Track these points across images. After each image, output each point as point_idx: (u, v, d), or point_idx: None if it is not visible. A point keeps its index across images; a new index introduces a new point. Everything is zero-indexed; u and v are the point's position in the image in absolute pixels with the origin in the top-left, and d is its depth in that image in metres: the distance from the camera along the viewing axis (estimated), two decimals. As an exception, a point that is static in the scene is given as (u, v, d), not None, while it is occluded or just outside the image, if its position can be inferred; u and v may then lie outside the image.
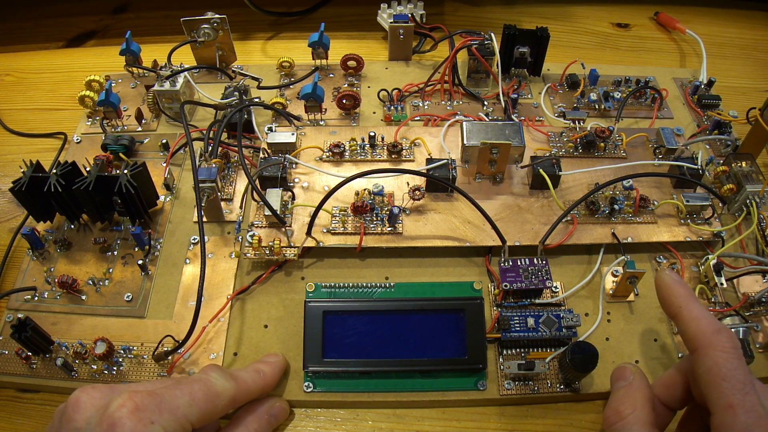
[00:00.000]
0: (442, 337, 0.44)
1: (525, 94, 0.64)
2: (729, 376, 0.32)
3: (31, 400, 0.46)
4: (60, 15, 0.80)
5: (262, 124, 0.59)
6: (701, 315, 0.35)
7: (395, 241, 0.49)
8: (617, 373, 0.39)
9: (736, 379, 0.31)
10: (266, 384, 0.42)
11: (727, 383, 0.31)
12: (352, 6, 0.79)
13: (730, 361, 0.32)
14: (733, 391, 0.31)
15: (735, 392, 0.31)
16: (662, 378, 0.39)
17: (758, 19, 0.79)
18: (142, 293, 0.49)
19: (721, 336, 0.33)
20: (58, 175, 0.48)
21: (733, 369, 0.32)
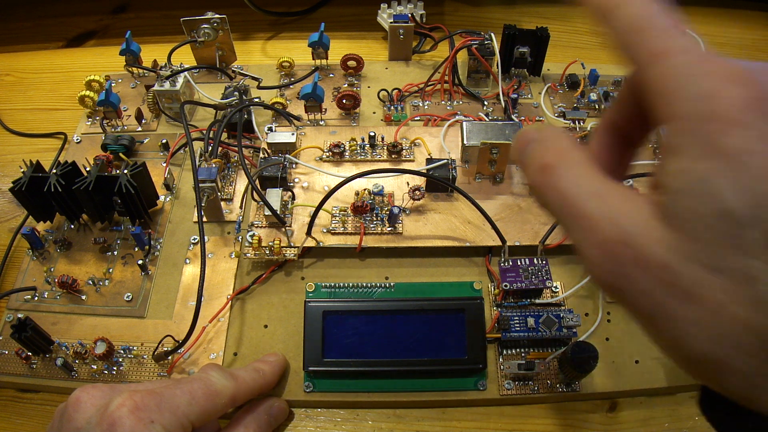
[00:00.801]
0: (442, 337, 0.44)
1: (525, 94, 0.64)
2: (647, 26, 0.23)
3: (31, 400, 0.46)
4: (60, 15, 0.80)
5: (262, 124, 0.59)
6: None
7: (395, 241, 0.49)
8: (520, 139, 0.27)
9: (658, 25, 0.23)
10: (266, 383, 0.42)
11: (647, 32, 0.23)
12: (352, 6, 0.79)
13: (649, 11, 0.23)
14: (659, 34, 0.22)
15: (663, 35, 0.22)
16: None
17: (758, 20, 0.79)
18: (142, 293, 0.49)
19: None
20: (58, 175, 0.48)
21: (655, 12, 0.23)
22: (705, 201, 0.19)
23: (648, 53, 0.22)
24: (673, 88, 0.21)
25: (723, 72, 0.20)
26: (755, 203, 0.19)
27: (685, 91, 0.21)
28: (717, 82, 0.20)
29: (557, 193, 0.24)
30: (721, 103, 0.20)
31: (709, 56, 0.21)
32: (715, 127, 0.19)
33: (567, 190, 0.23)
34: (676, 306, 0.20)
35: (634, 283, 0.21)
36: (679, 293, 0.20)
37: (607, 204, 0.22)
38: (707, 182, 0.19)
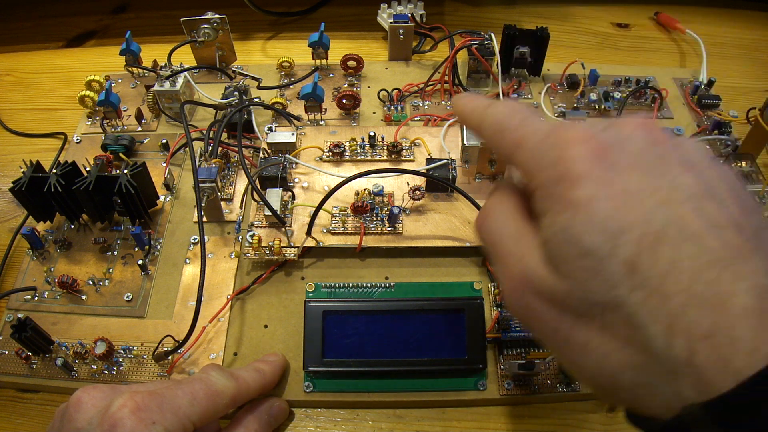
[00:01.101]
0: (442, 337, 0.44)
1: (525, 94, 0.64)
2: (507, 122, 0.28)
3: (31, 400, 0.46)
4: (60, 15, 0.80)
5: (262, 124, 0.59)
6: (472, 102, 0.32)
7: (395, 241, 0.50)
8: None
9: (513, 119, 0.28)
10: (267, 383, 0.42)
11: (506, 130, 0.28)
12: (352, 6, 0.79)
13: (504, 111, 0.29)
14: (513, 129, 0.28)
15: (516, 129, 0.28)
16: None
17: (758, 19, 0.79)
18: (142, 293, 0.49)
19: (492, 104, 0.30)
20: (58, 175, 0.48)
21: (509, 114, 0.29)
22: (568, 245, 0.23)
23: (510, 146, 0.27)
24: (531, 166, 0.26)
25: (565, 139, 0.25)
26: (608, 239, 0.22)
27: (539, 166, 0.25)
28: (560, 149, 0.24)
29: (488, 234, 0.29)
30: (566, 164, 0.24)
31: (554, 130, 0.26)
32: (565, 185, 0.24)
33: (494, 231, 0.29)
34: (569, 332, 0.24)
35: (536, 313, 0.25)
36: (569, 321, 0.24)
37: (519, 245, 0.26)
38: (567, 230, 0.23)
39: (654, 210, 0.22)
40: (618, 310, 0.22)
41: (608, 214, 0.22)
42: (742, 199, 0.24)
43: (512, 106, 0.29)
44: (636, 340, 0.22)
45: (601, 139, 0.24)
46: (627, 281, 0.22)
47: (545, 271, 0.24)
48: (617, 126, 0.26)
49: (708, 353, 0.20)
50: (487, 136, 0.30)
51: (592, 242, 0.22)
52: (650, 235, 0.22)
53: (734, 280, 0.20)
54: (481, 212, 0.30)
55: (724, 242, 0.21)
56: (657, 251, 0.21)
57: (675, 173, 0.23)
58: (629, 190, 0.23)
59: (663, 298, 0.21)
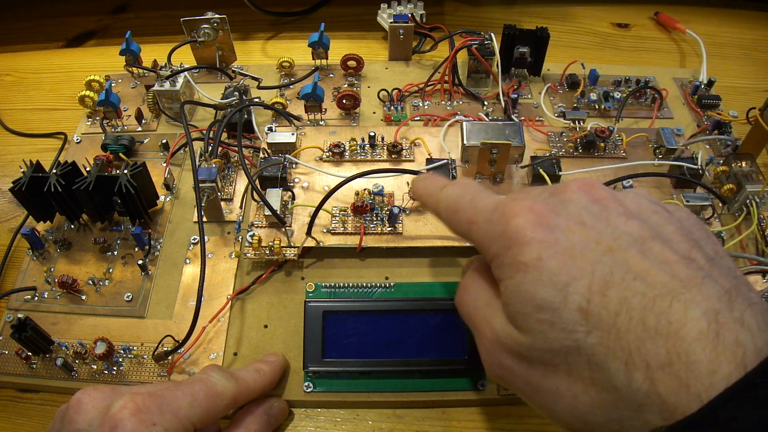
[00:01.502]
0: (443, 338, 0.44)
1: (525, 94, 0.64)
2: (459, 203, 0.31)
3: (31, 400, 0.46)
4: (60, 15, 0.80)
5: (262, 124, 0.59)
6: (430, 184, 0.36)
7: (395, 241, 0.50)
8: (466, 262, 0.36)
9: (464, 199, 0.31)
10: (267, 383, 0.42)
11: (459, 211, 0.31)
12: (352, 6, 0.79)
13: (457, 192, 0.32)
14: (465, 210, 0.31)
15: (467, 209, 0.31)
16: None
17: (758, 19, 0.79)
18: (142, 293, 0.49)
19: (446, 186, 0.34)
20: (58, 175, 0.48)
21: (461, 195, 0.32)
22: (524, 303, 0.25)
23: (465, 225, 0.31)
24: (484, 240, 0.29)
25: (510, 212, 0.27)
26: (559, 291, 0.24)
27: (490, 239, 0.28)
28: (506, 222, 0.27)
29: (464, 305, 0.32)
30: (513, 233, 0.26)
31: (500, 205, 0.28)
32: (513, 252, 0.26)
33: (468, 301, 0.31)
34: (539, 382, 0.25)
35: (509, 369, 0.27)
36: (537, 372, 0.25)
37: (488, 311, 0.29)
38: (520, 289, 0.25)
39: (599, 258, 0.24)
40: (578, 354, 0.24)
41: (556, 269, 0.24)
42: (694, 234, 0.26)
43: (464, 186, 0.32)
44: (599, 379, 0.23)
45: (542, 206, 0.27)
46: (582, 326, 0.23)
47: (509, 330, 0.27)
48: (559, 192, 0.28)
49: (668, 381, 0.21)
50: (444, 218, 0.33)
51: (545, 296, 0.24)
52: (598, 281, 0.24)
53: (686, 308, 0.22)
54: (458, 289, 0.33)
55: (673, 275, 0.23)
56: (606, 294, 0.23)
57: (617, 223, 0.26)
58: (573, 246, 0.25)
59: (618, 336, 0.22)
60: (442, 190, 0.33)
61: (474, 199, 0.31)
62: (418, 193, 0.37)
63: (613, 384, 0.22)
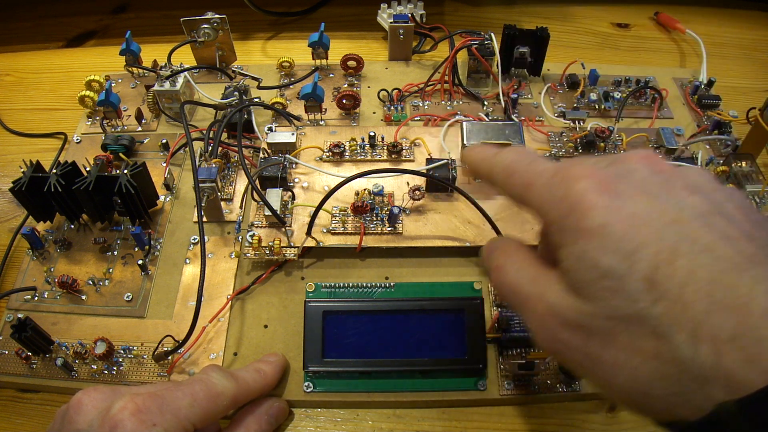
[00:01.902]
0: (442, 337, 0.44)
1: (525, 94, 0.64)
2: (516, 166, 0.31)
3: (31, 400, 0.46)
4: (60, 15, 0.80)
5: (262, 124, 0.59)
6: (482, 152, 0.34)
7: (395, 241, 0.49)
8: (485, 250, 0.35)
9: (521, 162, 0.30)
10: (267, 383, 0.42)
11: (515, 174, 0.30)
12: (352, 6, 0.79)
13: (513, 156, 0.31)
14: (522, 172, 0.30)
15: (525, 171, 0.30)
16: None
17: (758, 19, 0.79)
18: (142, 293, 0.49)
19: (501, 151, 0.33)
20: (58, 175, 0.48)
21: (517, 158, 0.31)
22: (588, 270, 0.24)
23: (521, 188, 0.30)
24: (543, 204, 0.28)
25: (571, 176, 0.26)
26: (624, 258, 0.23)
27: (550, 202, 0.27)
28: (568, 186, 0.26)
29: (506, 285, 0.31)
30: (575, 198, 0.26)
31: (561, 168, 0.28)
32: (577, 216, 0.25)
33: (511, 280, 0.30)
34: (598, 353, 0.25)
35: (565, 343, 0.26)
36: (597, 343, 0.25)
37: (538, 286, 0.28)
38: (584, 256, 0.25)
39: (665, 228, 0.24)
40: (642, 324, 0.23)
41: (621, 236, 0.24)
42: (752, 216, 0.25)
43: (519, 151, 0.32)
44: (663, 351, 0.22)
45: (605, 173, 0.26)
46: (648, 295, 0.23)
47: (569, 300, 0.26)
48: (620, 161, 0.28)
49: (735, 355, 0.20)
50: (499, 180, 0.32)
51: (610, 263, 0.24)
52: (665, 251, 0.23)
53: (753, 284, 0.21)
54: (493, 270, 0.32)
55: (738, 251, 0.23)
56: (673, 264, 0.23)
57: (681, 197, 0.25)
58: (638, 214, 0.24)
59: (684, 307, 0.22)
60: (497, 155, 0.33)
61: (532, 163, 0.30)
62: (470, 159, 0.35)
63: (678, 356, 0.22)
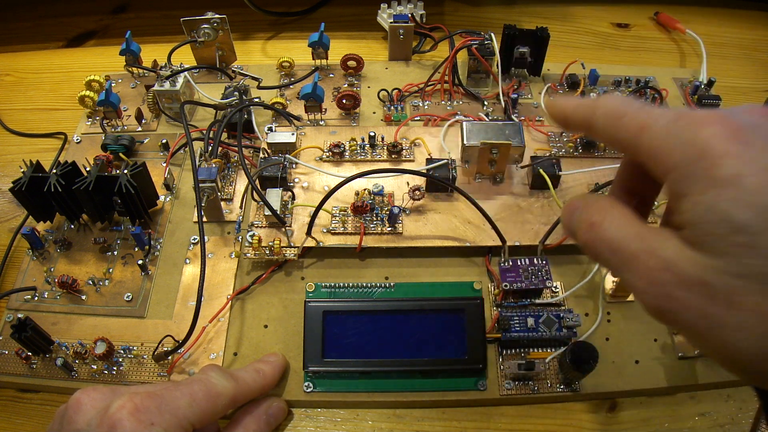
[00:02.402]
0: (442, 337, 0.44)
1: (525, 94, 0.64)
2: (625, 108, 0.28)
3: (31, 400, 0.46)
4: (60, 15, 0.80)
5: (262, 124, 0.59)
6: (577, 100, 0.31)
7: (395, 241, 0.49)
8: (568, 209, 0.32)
9: (632, 106, 0.28)
10: (266, 383, 0.42)
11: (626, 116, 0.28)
12: (352, 6, 0.79)
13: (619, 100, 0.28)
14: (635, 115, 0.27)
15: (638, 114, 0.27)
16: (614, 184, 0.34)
17: (758, 19, 0.79)
18: (142, 293, 0.49)
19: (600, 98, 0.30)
20: (58, 175, 0.48)
21: (626, 102, 0.28)
22: (718, 223, 0.22)
23: (634, 130, 0.27)
24: (663, 147, 0.25)
25: (698, 120, 0.24)
26: (759, 213, 0.22)
27: (672, 146, 0.25)
28: (695, 129, 0.24)
29: (606, 242, 0.28)
30: (705, 143, 0.23)
31: (684, 113, 0.25)
32: (707, 164, 0.23)
33: (613, 237, 0.27)
34: (721, 314, 0.23)
35: (681, 301, 0.24)
36: (721, 303, 0.23)
37: (647, 241, 0.26)
38: (715, 208, 0.22)
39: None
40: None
41: (757, 189, 0.22)
42: None
43: (625, 98, 0.29)
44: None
45: (735, 120, 0.24)
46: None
47: (690, 255, 0.24)
48: (745, 112, 0.26)
49: None
50: (603, 124, 0.29)
51: (745, 218, 0.22)
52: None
53: None
54: (587, 228, 0.29)
55: None
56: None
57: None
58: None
59: None
60: (599, 100, 0.30)
61: (645, 107, 0.27)
62: (559, 108, 0.32)
63: None
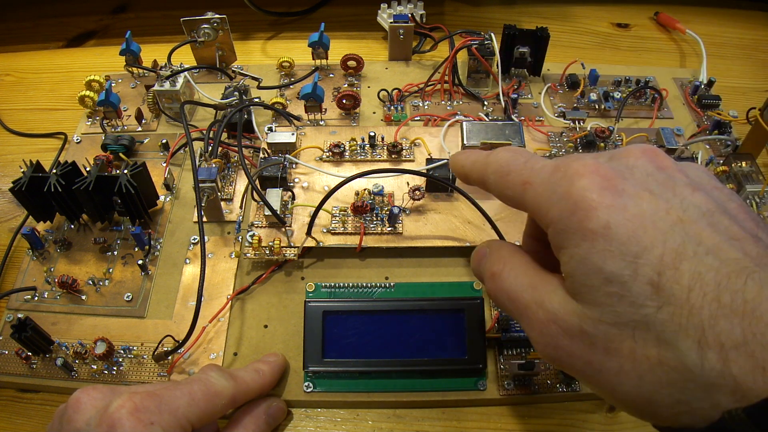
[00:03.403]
0: (442, 337, 0.44)
1: (525, 94, 0.64)
2: (510, 165, 0.29)
3: (31, 400, 0.46)
4: (60, 15, 0.80)
5: (262, 124, 0.59)
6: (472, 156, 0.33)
7: (395, 241, 0.49)
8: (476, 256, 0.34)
9: (517, 162, 0.29)
10: (266, 383, 0.42)
11: (511, 173, 0.29)
12: (352, 6, 0.79)
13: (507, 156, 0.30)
14: (518, 171, 0.28)
15: (521, 170, 0.28)
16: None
17: (758, 19, 0.79)
18: (142, 293, 0.49)
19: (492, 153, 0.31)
20: (58, 175, 0.48)
21: (512, 158, 0.30)
22: (591, 274, 0.23)
23: (518, 186, 0.28)
24: (542, 203, 0.26)
25: (573, 172, 0.25)
26: (629, 263, 0.23)
27: (550, 201, 0.26)
28: (569, 183, 0.25)
29: (504, 292, 0.29)
30: (577, 196, 0.24)
31: (561, 165, 0.26)
32: (579, 216, 0.24)
33: (509, 287, 0.29)
34: (601, 361, 0.24)
35: (566, 350, 0.25)
36: (600, 350, 0.24)
37: (537, 292, 0.27)
38: (588, 260, 0.23)
39: (670, 230, 0.23)
40: (647, 330, 0.22)
41: (626, 239, 0.23)
42: (753, 215, 0.25)
43: (514, 150, 0.30)
44: (668, 358, 0.22)
45: (607, 169, 0.25)
46: (653, 301, 0.22)
47: (570, 306, 0.25)
48: (622, 155, 0.27)
49: (743, 362, 0.20)
50: (493, 181, 0.31)
51: (614, 268, 0.23)
52: (670, 253, 0.22)
53: (761, 287, 0.21)
54: (489, 278, 0.31)
55: (745, 253, 0.22)
56: (679, 268, 0.22)
57: (684, 194, 0.24)
58: (643, 214, 0.23)
59: (690, 312, 0.21)
60: (490, 156, 0.31)
61: (529, 161, 0.29)
62: (459, 163, 0.34)
63: (684, 363, 0.21)
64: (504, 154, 0.30)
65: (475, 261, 0.33)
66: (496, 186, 0.30)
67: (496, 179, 0.30)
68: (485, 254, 0.32)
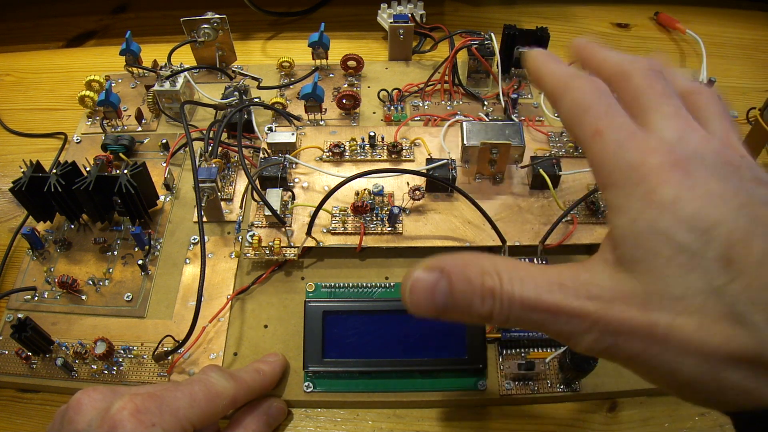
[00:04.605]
0: (442, 337, 0.44)
1: (525, 94, 0.64)
2: (591, 105, 0.27)
3: (31, 400, 0.46)
4: (60, 15, 0.79)
5: (262, 124, 0.59)
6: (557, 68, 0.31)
7: (395, 241, 0.49)
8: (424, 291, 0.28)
9: (599, 104, 0.27)
10: (266, 383, 0.42)
11: (587, 114, 0.27)
12: (352, 6, 0.79)
13: (591, 91, 0.28)
14: (597, 116, 0.27)
15: (599, 117, 0.27)
16: None
17: (758, 19, 0.79)
18: (142, 293, 0.49)
19: (578, 78, 0.29)
20: (58, 175, 0.48)
21: (595, 97, 0.28)
22: (660, 241, 0.23)
23: (589, 131, 0.27)
24: (608, 162, 0.26)
25: (647, 147, 0.25)
26: (699, 235, 0.22)
27: (617, 164, 0.25)
28: (642, 154, 0.25)
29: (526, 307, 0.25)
30: (647, 169, 0.24)
31: (639, 134, 0.26)
32: (646, 187, 0.24)
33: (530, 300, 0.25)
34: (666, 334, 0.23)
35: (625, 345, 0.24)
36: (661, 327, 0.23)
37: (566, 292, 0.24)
38: (655, 228, 0.23)
39: (737, 209, 0.23)
40: (719, 301, 0.22)
41: (695, 213, 0.23)
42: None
43: (600, 89, 0.28)
44: (740, 333, 0.21)
45: (679, 151, 0.25)
46: (724, 273, 0.22)
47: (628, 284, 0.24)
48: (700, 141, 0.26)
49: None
50: (566, 110, 0.28)
51: (684, 239, 0.23)
52: (739, 230, 0.22)
53: None
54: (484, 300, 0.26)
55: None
56: (749, 244, 0.22)
57: (750, 186, 0.24)
58: (711, 193, 0.23)
59: (763, 286, 0.21)
60: (573, 80, 0.29)
61: (611, 110, 0.27)
62: (536, 65, 0.32)
63: (757, 337, 0.21)
64: (589, 88, 0.28)
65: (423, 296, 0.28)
66: (567, 116, 0.28)
67: (570, 110, 0.28)
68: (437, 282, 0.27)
